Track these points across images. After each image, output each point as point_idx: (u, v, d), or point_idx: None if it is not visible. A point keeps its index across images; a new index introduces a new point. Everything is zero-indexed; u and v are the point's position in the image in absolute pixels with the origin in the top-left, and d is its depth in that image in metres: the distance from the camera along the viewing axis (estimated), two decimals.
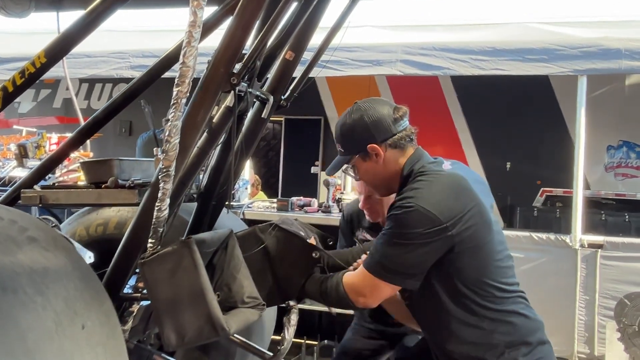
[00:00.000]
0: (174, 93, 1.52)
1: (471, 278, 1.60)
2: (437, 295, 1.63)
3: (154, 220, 1.63)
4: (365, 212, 2.24)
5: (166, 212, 1.63)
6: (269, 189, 6.95)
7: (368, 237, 2.30)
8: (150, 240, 1.65)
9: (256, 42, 1.66)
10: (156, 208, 1.61)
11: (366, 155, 1.70)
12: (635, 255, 3.37)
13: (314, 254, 1.85)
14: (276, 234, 1.89)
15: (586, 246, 3.51)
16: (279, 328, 2.17)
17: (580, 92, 3.75)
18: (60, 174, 3.09)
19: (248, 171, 5.19)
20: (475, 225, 1.57)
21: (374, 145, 1.67)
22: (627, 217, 4.91)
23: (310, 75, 2.19)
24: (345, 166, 1.79)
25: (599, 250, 3.48)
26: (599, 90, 5.71)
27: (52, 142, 4.01)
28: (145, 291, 1.76)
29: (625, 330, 2.78)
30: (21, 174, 3.00)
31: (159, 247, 1.65)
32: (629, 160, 6.18)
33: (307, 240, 1.90)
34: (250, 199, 4.82)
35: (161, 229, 1.65)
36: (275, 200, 4.32)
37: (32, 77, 1.86)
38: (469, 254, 1.58)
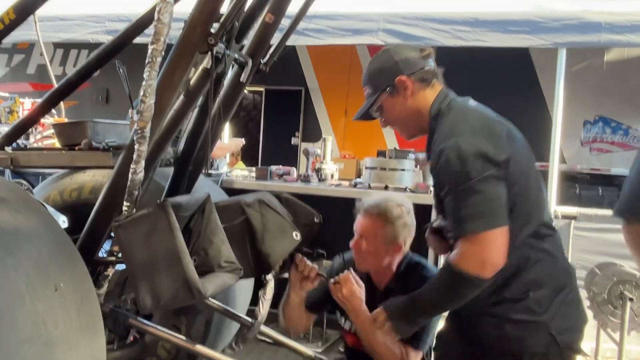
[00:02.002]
0: (149, 51, 1.48)
1: (524, 213, 1.57)
2: None
3: (129, 183, 1.60)
4: (354, 255, 2.05)
5: (141, 174, 1.60)
6: (249, 159, 6.90)
7: None
8: (125, 203, 1.63)
9: (234, 1, 1.62)
10: (131, 170, 1.59)
11: (394, 89, 1.67)
12: (607, 226, 3.43)
13: (294, 235, 1.91)
14: (262, 210, 1.93)
15: (560, 217, 3.56)
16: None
17: (559, 65, 3.76)
18: (34, 140, 3.02)
19: (228, 138, 5.14)
20: (515, 152, 1.59)
21: (402, 77, 1.66)
22: (600, 191, 4.99)
23: (291, 43, 2.15)
24: (371, 109, 1.72)
25: (573, 221, 3.54)
26: (578, 65, 5.74)
27: (25, 108, 3.91)
28: (120, 255, 1.74)
29: (595, 299, 2.86)
30: None
31: (134, 210, 1.63)
32: (604, 135, 6.26)
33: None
34: (230, 168, 4.79)
35: (136, 192, 1.63)
36: (254, 168, 4.28)
37: (0, 34, 1.80)
38: (517, 184, 1.56)
